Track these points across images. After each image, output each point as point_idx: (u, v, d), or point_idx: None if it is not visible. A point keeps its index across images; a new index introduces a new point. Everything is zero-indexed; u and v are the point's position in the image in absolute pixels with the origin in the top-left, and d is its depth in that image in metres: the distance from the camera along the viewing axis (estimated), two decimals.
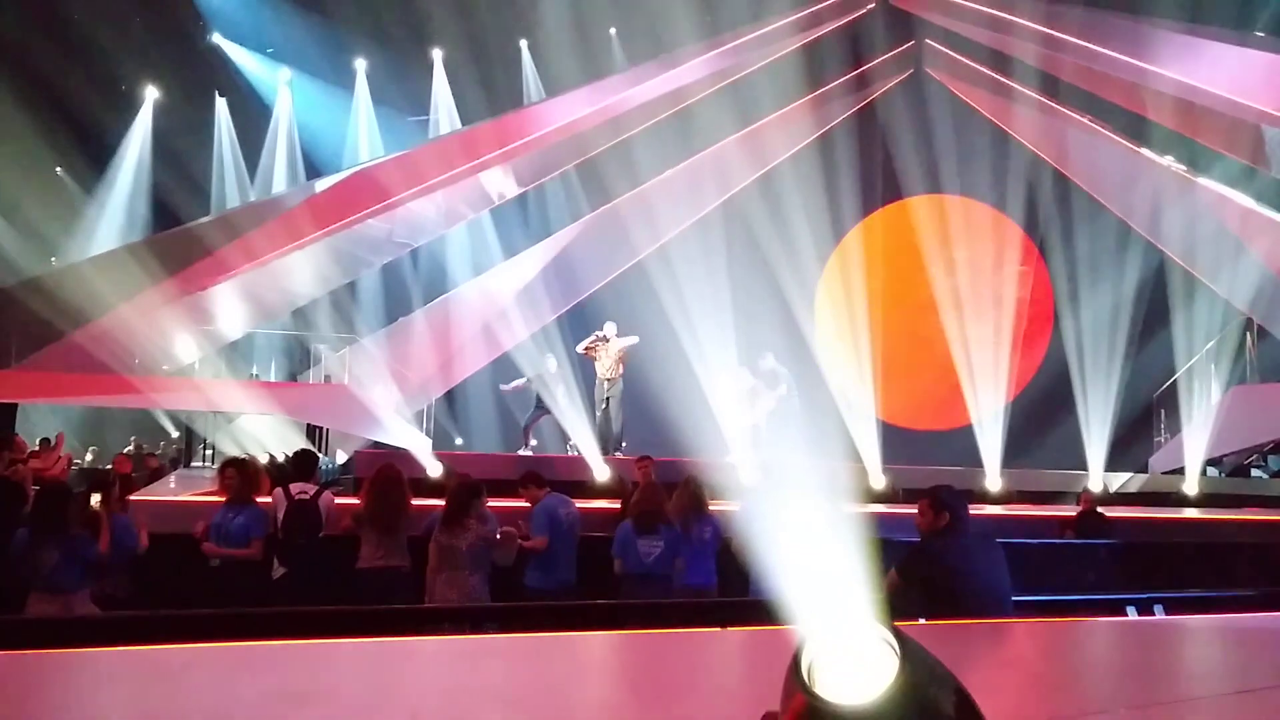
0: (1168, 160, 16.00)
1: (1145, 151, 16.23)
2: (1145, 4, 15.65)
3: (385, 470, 7.19)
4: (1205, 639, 4.28)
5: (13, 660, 2.96)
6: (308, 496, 7.34)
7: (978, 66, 17.88)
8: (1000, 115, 17.79)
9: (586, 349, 14.48)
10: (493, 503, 6.95)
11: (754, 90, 18.54)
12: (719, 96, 18.91)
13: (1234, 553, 8.61)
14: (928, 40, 18.56)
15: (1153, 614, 5.47)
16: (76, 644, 3.40)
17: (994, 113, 17.84)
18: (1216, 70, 12.48)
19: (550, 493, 7.50)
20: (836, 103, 18.78)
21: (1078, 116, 16.94)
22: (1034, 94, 17.43)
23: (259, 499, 7.17)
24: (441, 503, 6.94)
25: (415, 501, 7.29)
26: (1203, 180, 15.62)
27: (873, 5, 17.53)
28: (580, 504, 7.85)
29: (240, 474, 7.11)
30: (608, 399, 14.03)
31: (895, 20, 18.09)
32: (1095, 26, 14.57)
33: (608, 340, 14.28)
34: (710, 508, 7.18)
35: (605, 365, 14.07)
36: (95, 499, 6.68)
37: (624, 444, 13.86)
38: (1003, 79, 17.77)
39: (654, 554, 6.82)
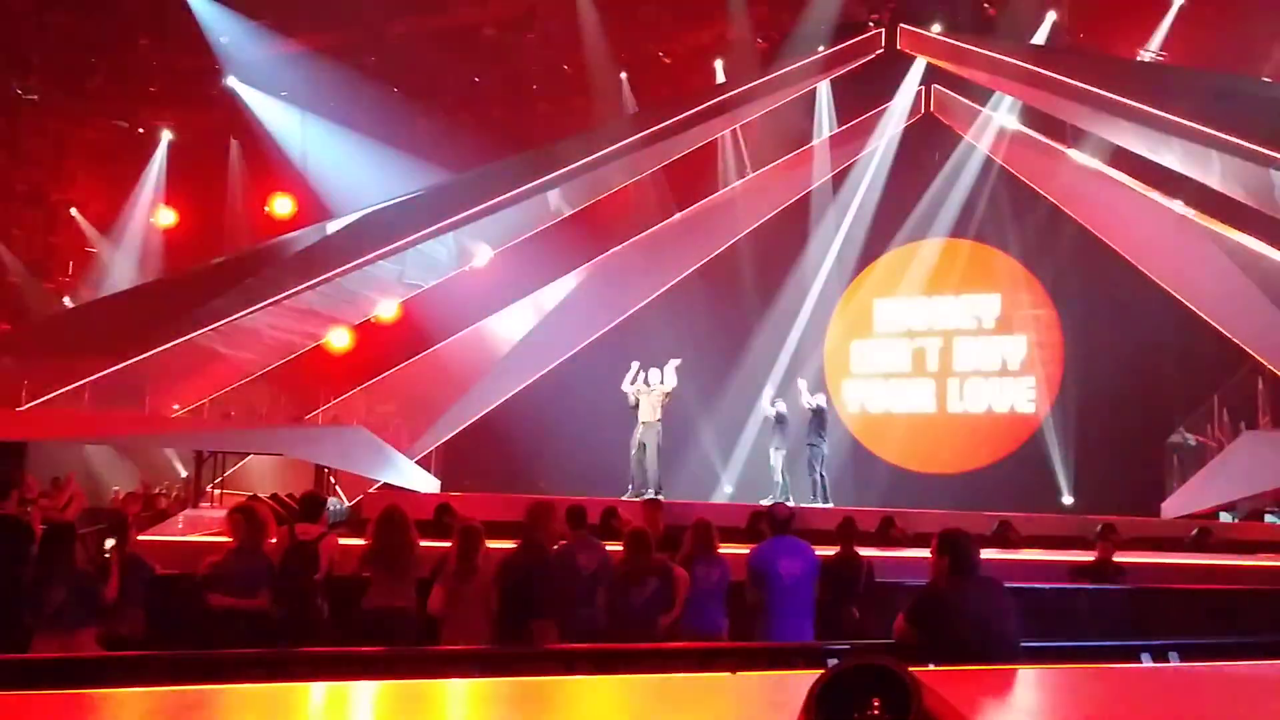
0: (1178, 203, 16.02)
1: (1155, 195, 16.26)
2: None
3: (391, 511, 7.13)
4: (1221, 687, 4.22)
5: (14, 701, 2.94)
6: (310, 538, 7.29)
7: (985, 111, 17.98)
8: (1008, 159, 17.85)
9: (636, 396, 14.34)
10: (502, 545, 6.89)
11: (763, 134, 18.70)
12: (729, 141, 19.09)
13: (1248, 599, 8.52)
14: (936, 86, 18.70)
15: (1168, 661, 5.39)
16: (78, 685, 3.37)
17: (1002, 156, 17.90)
18: (1227, 113, 12.52)
19: (578, 537, 7.31)
20: (846, 147, 18.90)
21: (1087, 160, 16.99)
22: (1041, 137, 17.52)
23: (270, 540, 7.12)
24: (447, 544, 6.89)
25: (422, 543, 7.24)
26: (1212, 224, 15.63)
27: (880, 51, 17.67)
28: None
29: (247, 521, 6.94)
30: (643, 443, 13.98)
31: (904, 66, 18.23)
32: (1100, 69, 14.65)
33: (649, 385, 14.24)
34: (719, 550, 7.09)
35: (645, 410, 14.04)
36: (109, 544, 6.64)
37: (661, 489, 13.72)
38: (1009, 123, 17.88)
39: (642, 598, 6.67)
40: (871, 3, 17.65)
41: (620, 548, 7.73)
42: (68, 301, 19.38)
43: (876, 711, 1.46)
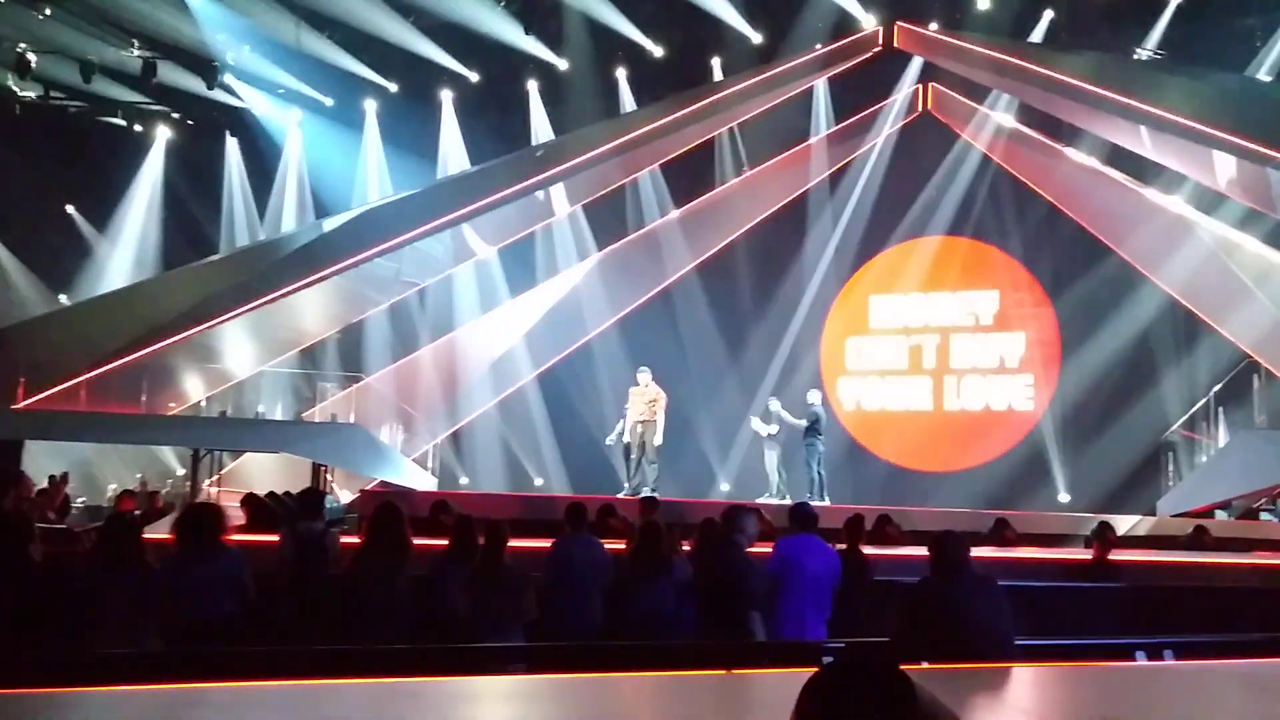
0: (1173, 200, 16.06)
1: (1150, 192, 16.29)
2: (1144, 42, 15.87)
3: (385, 508, 7.06)
4: (1216, 684, 4.25)
5: (15, 699, 2.95)
6: (314, 535, 7.30)
7: (983, 109, 17.99)
8: (1006, 157, 17.87)
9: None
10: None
11: (761, 132, 18.72)
12: (727, 139, 19.12)
13: (1243, 597, 8.54)
14: (933, 84, 18.71)
15: (1162, 659, 5.41)
16: (79, 683, 3.38)
17: (999, 154, 17.91)
18: (1225, 111, 12.53)
19: (574, 534, 7.29)
20: (843, 145, 18.91)
21: (1083, 158, 17.02)
22: (1038, 135, 17.54)
23: (259, 538, 7.08)
24: (443, 542, 6.88)
25: (418, 541, 7.23)
26: (1209, 221, 15.66)
27: (879, 49, 17.67)
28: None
29: (198, 522, 6.08)
30: (643, 442, 13.97)
31: (901, 64, 18.24)
32: (1098, 68, 14.67)
33: (637, 385, 14.23)
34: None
35: (638, 409, 14.06)
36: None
37: (655, 489, 13.63)
38: (1007, 121, 17.89)
39: (657, 597, 6.68)
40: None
41: (620, 545, 7.74)
42: (64, 299, 19.38)
43: (870, 710, 1.47)
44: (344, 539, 7.96)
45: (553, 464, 18.92)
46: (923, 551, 5.33)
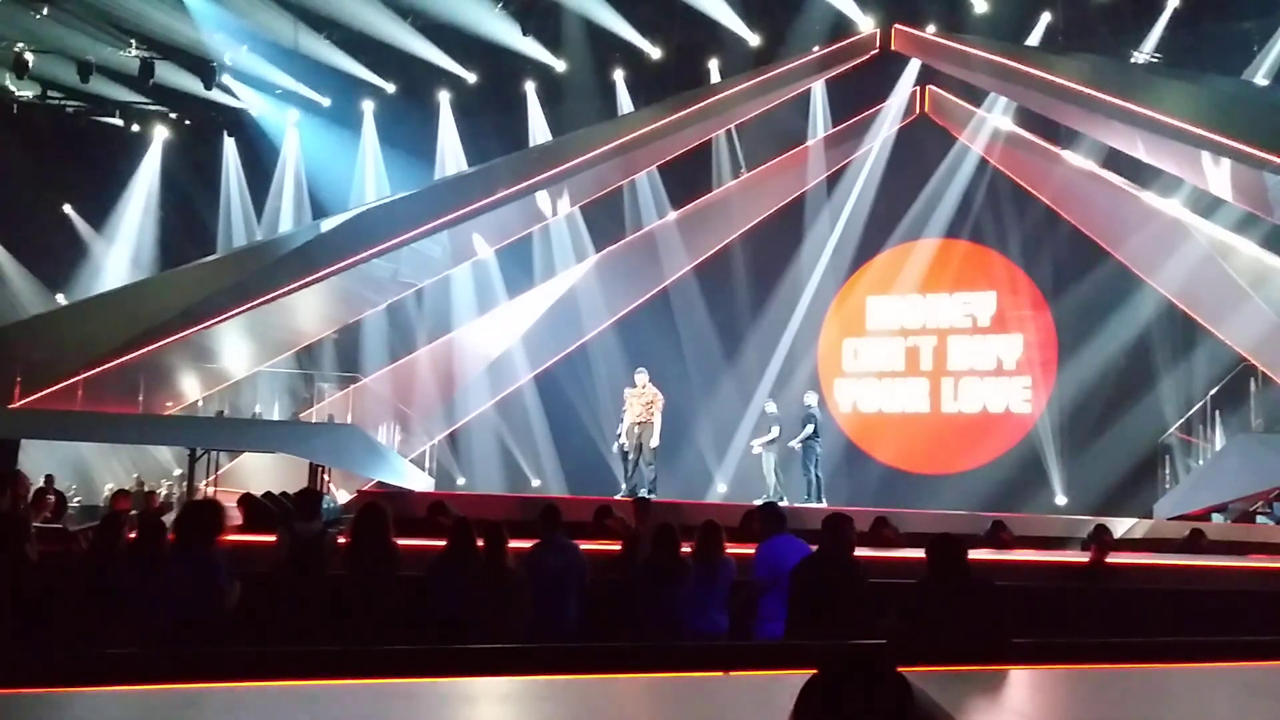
0: (1170, 204, 16.07)
1: (1147, 196, 16.30)
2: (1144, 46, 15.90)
3: (368, 510, 7.01)
4: (1212, 688, 4.25)
5: (14, 699, 2.95)
6: (311, 536, 7.28)
7: (980, 112, 18.00)
8: (1003, 159, 17.87)
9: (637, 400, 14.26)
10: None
11: (758, 134, 18.71)
12: (725, 140, 19.11)
13: (1239, 600, 8.54)
14: (931, 86, 18.70)
15: (1158, 662, 5.42)
16: (79, 683, 3.37)
17: (996, 157, 17.92)
18: (1221, 115, 12.54)
19: (548, 538, 7.25)
20: (840, 147, 18.91)
21: (1080, 161, 17.03)
22: (1035, 138, 17.55)
23: (256, 538, 7.04)
24: (440, 543, 6.87)
25: (416, 542, 7.22)
26: (1205, 225, 15.67)
27: (876, 51, 17.68)
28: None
29: (191, 521, 5.79)
30: (640, 444, 13.92)
31: (899, 67, 18.24)
32: (1095, 71, 14.68)
33: (635, 387, 14.18)
34: (726, 551, 7.02)
35: (635, 411, 14.01)
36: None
37: (653, 490, 13.57)
38: (1004, 124, 17.90)
39: (674, 599, 6.64)
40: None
41: (616, 546, 7.71)
42: (61, 299, 19.37)
43: (868, 712, 1.48)
44: (340, 540, 7.94)
45: (550, 465, 18.92)
46: (920, 554, 5.34)
